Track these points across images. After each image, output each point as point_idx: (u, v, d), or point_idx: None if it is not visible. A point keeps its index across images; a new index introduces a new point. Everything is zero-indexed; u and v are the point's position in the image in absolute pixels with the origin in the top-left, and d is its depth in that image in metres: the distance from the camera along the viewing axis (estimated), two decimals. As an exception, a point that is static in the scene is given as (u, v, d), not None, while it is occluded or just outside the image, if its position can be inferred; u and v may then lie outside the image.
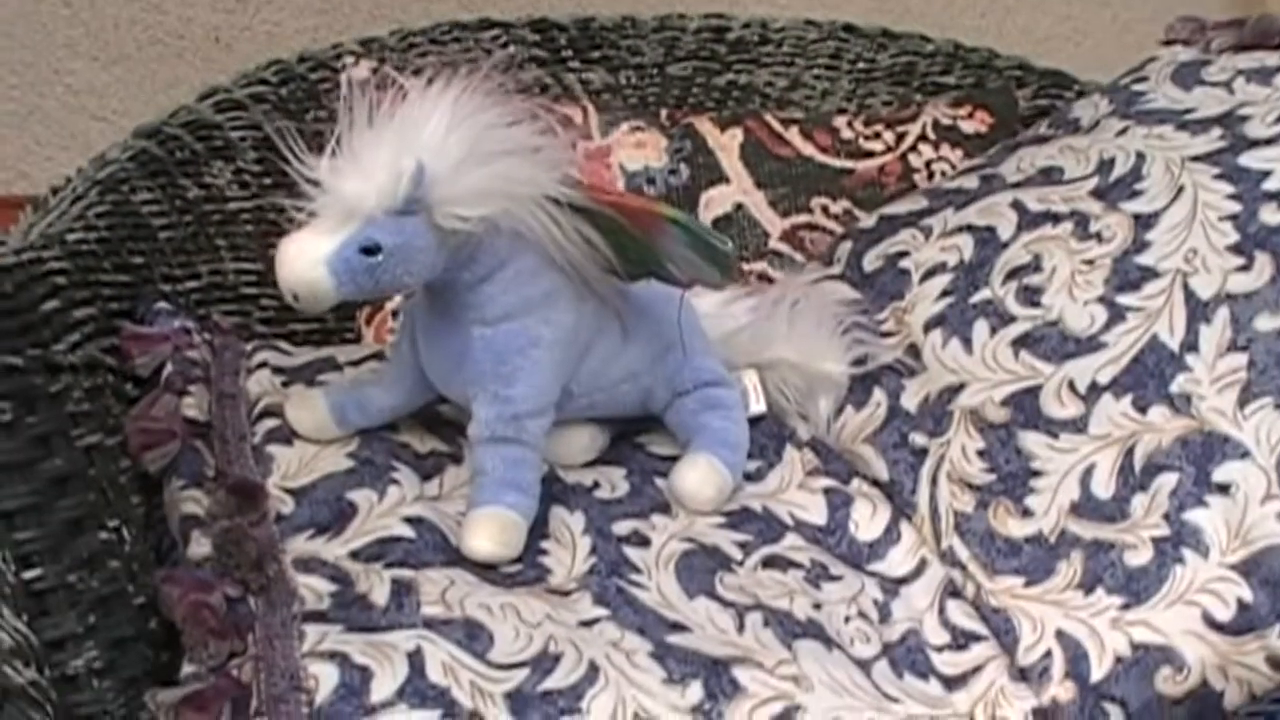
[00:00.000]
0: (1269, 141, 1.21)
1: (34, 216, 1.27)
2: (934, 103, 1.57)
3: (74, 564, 1.00)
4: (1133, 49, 2.15)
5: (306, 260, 1.00)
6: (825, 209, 1.47)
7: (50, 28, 1.74)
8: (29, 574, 0.97)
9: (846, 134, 1.52)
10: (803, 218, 1.46)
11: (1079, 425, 1.14)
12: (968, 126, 1.54)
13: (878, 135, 1.52)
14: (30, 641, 0.92)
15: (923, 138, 1.52)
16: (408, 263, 1.02)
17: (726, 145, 1.49)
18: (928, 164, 1.51)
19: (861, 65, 1.65)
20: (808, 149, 1.50)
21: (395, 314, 1.39)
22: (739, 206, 1.46)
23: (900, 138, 1.52)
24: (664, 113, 1.54)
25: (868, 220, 1.35)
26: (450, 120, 1.02)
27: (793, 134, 1.50)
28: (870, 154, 1.50)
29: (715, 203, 1.46)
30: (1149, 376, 1.14)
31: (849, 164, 1.50)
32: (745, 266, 1.43)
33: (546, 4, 1.86)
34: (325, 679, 0.95)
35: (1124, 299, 1.18)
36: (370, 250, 1.00)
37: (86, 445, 1.06)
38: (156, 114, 1.42)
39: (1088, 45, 2.15)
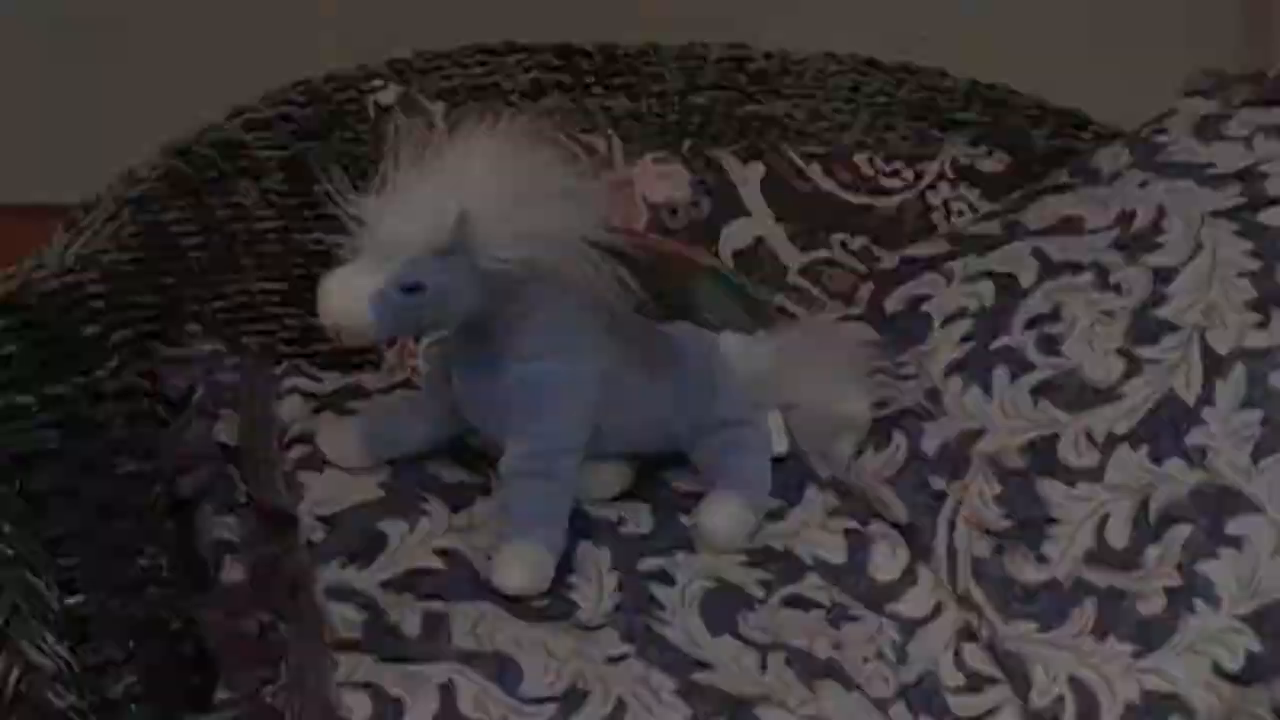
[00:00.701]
0: (1287, 200, 1.24)
1: (66, 236, 1.28)
2: (952, 140, 1.59)
3: (115, 591, 1.02)
4: (1140, 77, 2.18)
5: (350, 297, 1.02)
6: (844, 244, 1.48)
7: (76, 38, 1.75)
8: (72, 600, 0.98)
9: (866, 170, 1.53)
10: (821, 253, 1.47)
11: (1095, 475, 1.16)
12: (985, 166, 1.55)
13: (897, 173, 1.53)
14: (72, 667, 0.94)
15: (941, 176, 1.53)
16: (448, 302, 1.04)
17: (748, 179, 1.50)
18: (945, 203, 1.52)
19: (881, 99, 1.66)
20: (828, 185, 1.51)
21: (417, 338, 1.40)
22: (759, 240, 1.47)
23: (919, 175, 1.53)
24: (686, 144, 1.54)
25: (889, 261, 1.37)
26: (495, 164, 1.04)
27: (814, 169, 1.51)
28: (889, 191, 1.52)
29: (736, 236, 1.47)
30: (1165, 429, 1.16)
31: (868, 200, 1.51)
32: (764, 300, 1.44)
33: (569, 28, 1.87)
34: (358, 709, 0.96)
35: (1142, 351, 1.20)
36: (413, 289, 1.02)
37: (127, 472, 1.07)
38: (179, 127, 1.43)
39: (1097, 77, 2.16)
